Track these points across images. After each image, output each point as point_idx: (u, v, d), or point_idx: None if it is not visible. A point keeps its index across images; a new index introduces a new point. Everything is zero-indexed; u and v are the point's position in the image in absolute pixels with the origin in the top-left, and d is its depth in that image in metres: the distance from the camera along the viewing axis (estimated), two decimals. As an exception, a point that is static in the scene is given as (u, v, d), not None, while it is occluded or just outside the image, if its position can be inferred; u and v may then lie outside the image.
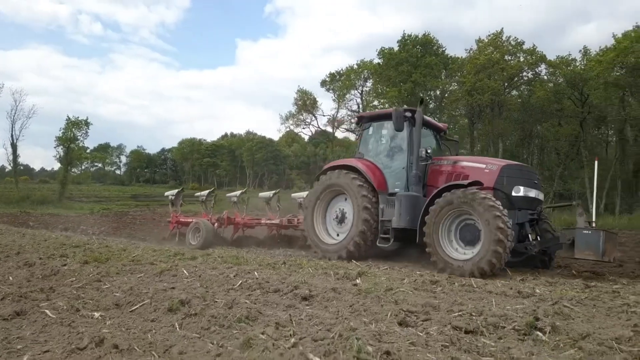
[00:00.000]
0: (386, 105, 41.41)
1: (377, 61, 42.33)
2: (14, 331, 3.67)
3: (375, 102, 44.12)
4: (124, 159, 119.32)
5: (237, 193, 14.34)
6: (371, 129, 10.26)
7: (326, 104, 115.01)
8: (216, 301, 4.66)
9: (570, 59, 36.48)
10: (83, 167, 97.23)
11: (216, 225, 13.05)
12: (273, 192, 14.35)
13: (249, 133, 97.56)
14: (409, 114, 9.22)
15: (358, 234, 8.98)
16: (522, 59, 36.43)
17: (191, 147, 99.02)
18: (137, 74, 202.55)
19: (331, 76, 48.55)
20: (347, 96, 48.56)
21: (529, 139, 38.10)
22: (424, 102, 9.82)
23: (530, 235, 8.16)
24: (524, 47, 36.34)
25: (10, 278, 5.96)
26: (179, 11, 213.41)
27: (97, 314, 4.14)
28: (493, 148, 35.83)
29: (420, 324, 4.09)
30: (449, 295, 5.28)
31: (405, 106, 9.82)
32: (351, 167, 9.66)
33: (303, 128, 56.41)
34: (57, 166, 68.76)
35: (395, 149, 9.75)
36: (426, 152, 9.06)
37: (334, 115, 51.32)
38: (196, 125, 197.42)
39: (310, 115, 53.03)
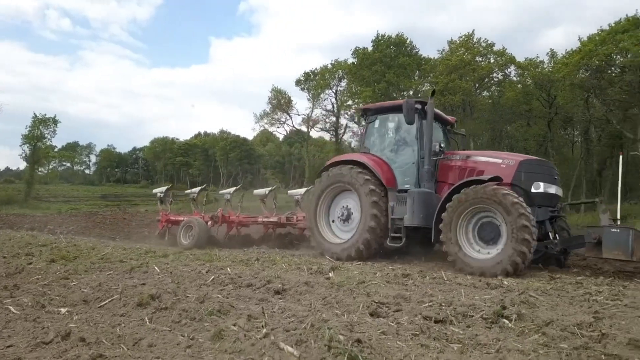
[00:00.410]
0: (360, 105, 41.72)
1: (352, 61, 42.60)
2: (-25, 328, 3.55)
3: (350, 102, 44.42)
4: (93, 158, 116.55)
5: (231, 190, 13.50)
6: (377, 122, 9.63)
7: (301, 103, 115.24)
8: (187, 296, 4.62)
9: (538, 61, 37.53)
10: (50, 166, 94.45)
11: (210, 223, 12.25)
12: (269, 189, 13.50)
13: (222, 132, 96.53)
14: (419, 106, 8.70)
15: (368, 231, 8.42)
16: (492, 61, 37.27)
17: (163, 146, 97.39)
18: (107, 72, 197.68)
19: (306, 75, 48.54)
20: (322, 95, 48.66)
21: (499, 139, 38.97)
22: (435, 93, 9.21)
23: (550, 234, 7.74)
24: (494, 48, 37.23)
25: (-28, 276, 5.76)
26: (151, 8, 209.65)
27: (63, 310, 4.05)
28: (465, 148, 36.50)
29: (391, 314, 4.16)
30: (420, 287, 5.37)
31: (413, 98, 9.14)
32: (357, 162, 9.06)
33: (277, 127, 56.25)
34: (23, 165, 66.67)
35: (404, 143, 9.19)
36: (439, 146, 8.66)
37: (308, 114, 51.34)
38: (169, 124, 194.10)
39: (285, 114, 52.90)
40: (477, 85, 37.42)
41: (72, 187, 78.83)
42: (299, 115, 52.92)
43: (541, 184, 7.63)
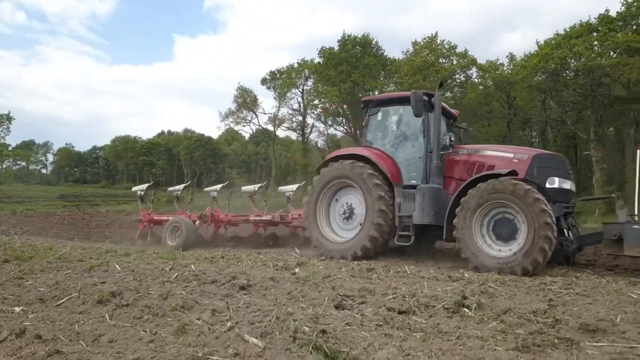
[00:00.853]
0: (326, 104, 41.87)
1: (318, 60, 42.71)
2: None
3: (316, 101, 44.49)
4: (50, 157, 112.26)
5: (218, 187, 12.71)
6: (379, 114, 9.13)
7: (267, 102, 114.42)
8: (150, 293, 4.53)
9: (498, 63, 38.74)
10: (4, 165, 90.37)
11: (198, 223, 11.58)
12: (258, 185, 12.80)
13: (187, 131, 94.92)
14: (426, 98, 8.32)
15: (374, 228, 7.96)
16: (455, 62, 38.13)
17: (125, 145, 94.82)
18: (65, 68, 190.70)
19: (272, 74, 48.27)
20: (288, 95, 48.54)
21: (464, 139, 39.89)
22: (443, 85, 8.87)
23: (565, 231, 7.45)
24: (457, 50, 38.13)
25: None
26: (112, 3, 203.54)
27: (18, 309, 3.90)
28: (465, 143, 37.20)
29: (356, 306, 4.21)
30: (384, 280, 5.46)
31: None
32: (359, 156, 8.57)
33: (243, 126, 55.65)
34: (-27, 164, 63.47)
35: (409, 136, 8.73)
36: (450, 140, 8.30)
37: (275, 113, 51.11)
38: (131, 122, 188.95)
39: (251, 113, 52.45)
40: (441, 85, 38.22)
41: (27, 187, 75.64)
42: (265, 114, 52.66)
43: (556, 179, 7.32)
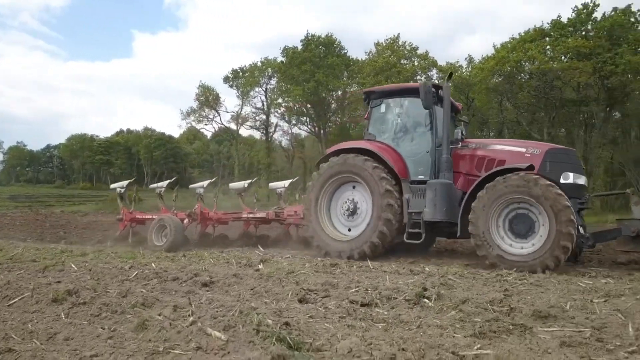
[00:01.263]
0: (290, 104, 41.83)
1: (281, 59, 42.58)
2: None
3: (280, 100, 44.38)
4: (1, 156, 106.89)
5: (204, 183, 12.04)
6: (383, 106, 8.74)
7: (230, 100, 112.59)
8: (109, 291, 4.41)
9: (457, 65, 39.79)
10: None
11: (186, 221, 10.91)
12: (248, 181, 12.14)
13: (147, 129, 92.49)
14: (434, 90, 8.04)
15: (383, 223, 7.61)
16: (416, 64, 38.90)
17: (82, 143, 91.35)
18: (16, 63, 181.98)
19: (234, 72, 47.76)
20: (252, 93, 48.20)
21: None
22: (452, 77, 8.43)
23: (580, 227, 7.14)
24: (418, 52, 38.92)
25: None
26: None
27: (-35, 310, 3.71)
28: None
29: (319, 300, 4.25)
30: (347, 275, 5.52)
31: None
32: (362, 150, 8.21)
33: (205, 125, 54.75)
34: None
35: (415, 130, 8.41)
36: (462, 133, 8.07)
37: (238, 112, 50.61)
38: (88, 120, 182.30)
39: (213, 111, 51.72)
40: (402, 86, 38.89)
41: (-26, 187, 71.73)
42: (227, 112, 52.04)
43: (570, 174, 7.12)
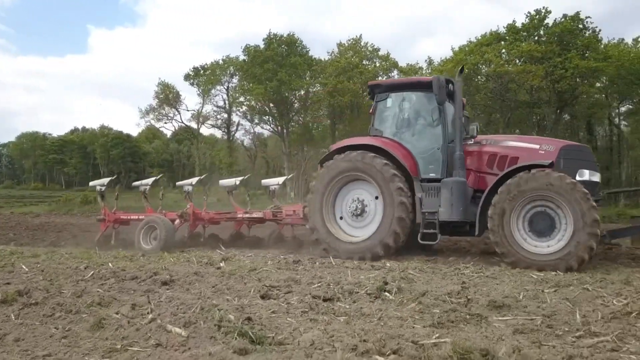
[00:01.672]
0: (252, 103, 41.49)
1: (243, 58, 42.16)
2: None
3: (242, 99, 43.89)
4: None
5: (193, 181, 11.29)
6: (389, 100, 8.34)
7: (190, 98, 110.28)
8: (63, 292, 4.26)
9: (417, 67, 40.59)
10: None
11: (177, 222, 10.24)
12: (239, 178, 11.48)
13: (103, 127, 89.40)
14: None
15: (397, 222, 7.27)
16: (378, 65, 39.43)
17: (33, 142, 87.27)
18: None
19: (195, 70, 46.84)
20: (213, 91, 47.42)
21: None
22: (464, 71, 7.85)
23: None
24: (380, 53, 39.49)
25: None
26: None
27: None
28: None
29: (282, 296, 4.25)
30: (309, 271, 5.54)
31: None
32: (369, 146, 7.83)
33: (165, 123, 53.37)
34: None
35: (424, 125, 8.06)
36: (477, 129, 7.88)
37: (198, 110, 49.68)
38: (40, 117, 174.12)
39: (173, 109, 50.53)
40: (364, 87, 39.35)
41: None
42: (188, 111, 50.93)
43: (586, 171, 6.94)
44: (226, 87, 46.81)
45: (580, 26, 29.00)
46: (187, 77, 47.04)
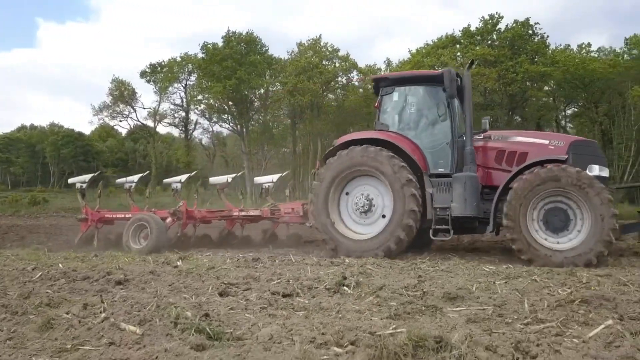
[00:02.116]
0: (210, 101, 40.86)
1: (201, 55, 41.41)
2: None
3: (200, 97, 43.13)
4: None
5: (182, 178, 10.86)
6: (395, 94, 8.11)
7: (147, 96, 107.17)
8: (8, 293, 4.07)
9: (376, 68, 41.17)
10: None
11: (169, 220, 9.73)
12: (232, 175, 11.23)
13: (53, 125, 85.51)
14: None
15: (408, 215, 7.08)
16: (337, 65, 39.71)
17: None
18: None
19: (152, 67, 45.61)
20: (170, 89, 46.32)
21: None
22: (473, 65, 7.68)
23: None
24: (339, 54, 39.78)
25: None
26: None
27: None
28: (313, 147, 38.28)
29: (240, 293, 4.22)
30: (269, 269, 5.52)
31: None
32: (376, 141, 7.63)
33: (120, 121, 51.72)
34: None
35: (433, 120, 7.90)
36: (488, 123, 7.79)
37: (155, 108, 48.38)
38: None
39: (129, 107, 48.99)
40: (324, 87, 39.50)
41: None
42: (144, 108, 49.51)
43: (596, 166, 6.87)
44: (184, 85, 45.91)
45: (530, 32, 30.31)
46: (143, 74, 45.79)
